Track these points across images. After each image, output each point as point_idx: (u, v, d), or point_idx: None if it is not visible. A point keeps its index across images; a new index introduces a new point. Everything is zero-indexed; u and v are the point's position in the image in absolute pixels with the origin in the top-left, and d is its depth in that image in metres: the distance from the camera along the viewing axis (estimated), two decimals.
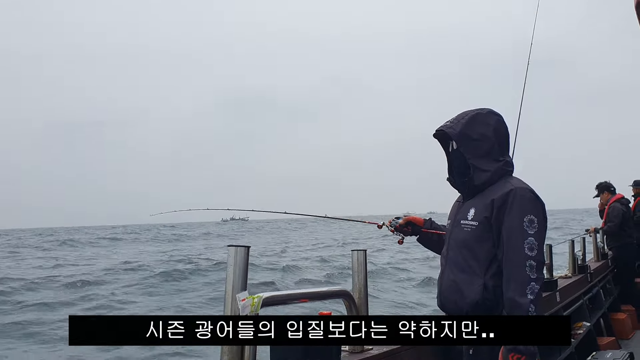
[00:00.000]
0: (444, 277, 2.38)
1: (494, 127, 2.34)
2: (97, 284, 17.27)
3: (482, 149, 2.31)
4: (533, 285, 2.09)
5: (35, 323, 11.46)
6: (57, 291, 16.23)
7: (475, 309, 2.20)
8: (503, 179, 2.30)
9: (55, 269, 22.78)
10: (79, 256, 31.01)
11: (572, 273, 5.90)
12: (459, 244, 2.32)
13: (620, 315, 6.60)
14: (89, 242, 47.97)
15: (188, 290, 15.88)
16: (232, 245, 1.86)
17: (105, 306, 13.65)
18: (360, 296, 2.36)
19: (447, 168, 2.49)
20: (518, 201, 2.18)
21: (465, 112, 2.39)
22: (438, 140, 2.49)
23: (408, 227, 2.70)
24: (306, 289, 2.29)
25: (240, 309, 1.77)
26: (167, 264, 21.80)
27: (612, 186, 7.78)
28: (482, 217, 2.24)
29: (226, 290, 1.81)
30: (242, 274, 1.82)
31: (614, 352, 4.36)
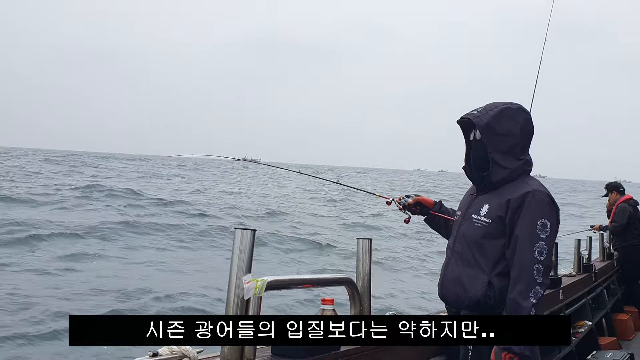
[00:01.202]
0: (448, 268, 2.37)
1: (522, 125, 2.30)
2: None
3: (506, 145, 2.27)
4: (537, 289, 2.09)
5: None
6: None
7: (476, 305, 2.20)
8: (520, 178, 2.28)
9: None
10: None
11: (576, 272, 5.88)
12: (468, 239, 2.30)
13: (623, 316, 6.59)
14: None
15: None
16: (238, 227, 1.86)
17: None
18: (363, 284, 2.36)
19: (465, 156, 2.45)
20: (534, 204, 2.17)
21: (494, 103, 2.34)
22: (460, 127, 2.44)
23: (417, 207, 2.68)
24: (310, 275, 2.29)
25: (245, 291, 1.78)
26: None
27: (621, 186, 7.76)
28: (496, 216, 2.22)
29: (230, 273, 1.81)
30: (247, 257, 1.82)
31: (614, 353, 4.35)
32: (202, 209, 21.10)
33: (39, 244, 12.61)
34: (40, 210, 17.84)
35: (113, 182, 29.26)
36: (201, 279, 10.54)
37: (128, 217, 17.27)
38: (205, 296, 9.16)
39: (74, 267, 10.76)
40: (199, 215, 19.68)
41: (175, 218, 18.46)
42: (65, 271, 10.37)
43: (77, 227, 14.67)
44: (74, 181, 28.95)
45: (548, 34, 4.00)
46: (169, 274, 10.91)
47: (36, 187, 24.92)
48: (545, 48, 3.92)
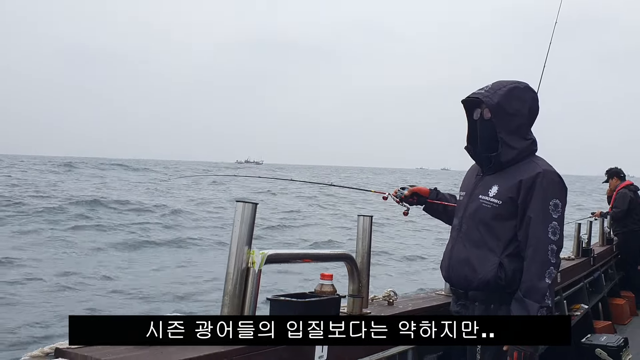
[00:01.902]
0: (454, 250, 2.35)
1: (530, 105, 2.28)
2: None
3: (514, 125, 2.25)
4: (552, 270, 2.10)
5: None
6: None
7: (485, 286, 2.20)
8: (528, 159, 2.26)
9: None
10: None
11: (575, 255, 5.91)
12: (477, 220, 2.28)
13: (619, 301, 6.65)
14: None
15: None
16: (240, 200, 1.86)
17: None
18: (363, 261, 2.37)
19: (467, 136, 2.41)
20: (546, 184, 2.16)
21: (501, 82, 2.30)
22: (463, 106, 2.39)
23: (414, 197, 2.67)
24: (310, 250, 2.30)
25: (245, 263, 1.81)
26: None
27: (621, 172, 7.76)
28: (507, 197, 2.21)
29: (231, 245, 1.82)
30: (248, 230, 1.83)
31: (608, 336, 4.40)
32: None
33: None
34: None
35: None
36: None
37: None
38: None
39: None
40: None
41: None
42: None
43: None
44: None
45: (554, 36, 3.93)
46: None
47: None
48: (550, 50, 3.86)
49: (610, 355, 4.09)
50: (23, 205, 20.32)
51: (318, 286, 2.15)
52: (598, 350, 4.11)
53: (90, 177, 43.95)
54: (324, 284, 2.14)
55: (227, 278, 1.82)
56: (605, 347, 4.13)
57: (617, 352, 4.13)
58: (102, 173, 50.17)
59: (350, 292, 2.30)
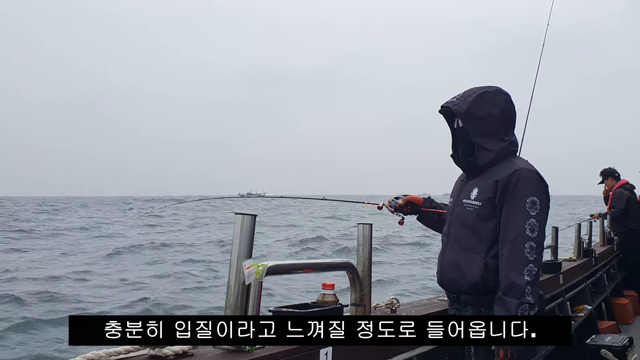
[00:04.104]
0: (445, 255, 2.38)
1: (502, 107, 2.30)
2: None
3: (488, 128, 2.27)
4: (531, 267, 2.08)
5: None
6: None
7: (474, 288, 2.21)
8: (507, 159, 2.28)
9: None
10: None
11: (577, 256, 5.90)
12: (461, 223, 2.31)
13: (622, 300, 6.62)
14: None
15: None
16: (239, 213, 1.84)
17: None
18: (364, 269, 2.36)
19: (452, 145, 2.45)
20: (522, 182, 2.16)
21: (472, 89, 2.34)
22: (444, 117, 2.44)
23: (408, 207, 2.70)
24: (310, 260, 2.29)
25: (246, 276, 1.78)
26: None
27: (616, 172, 7.75)
28: (486, 198, 2.23)
29: (232, 258, 1.81)
30: (248, 242, 1.82)
31: (613, 336, 4.38)
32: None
33: None
34: None
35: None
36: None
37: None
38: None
39: None
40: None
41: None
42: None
43: None
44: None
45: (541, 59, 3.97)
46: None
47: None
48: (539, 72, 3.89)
49: (616, 355, 4.07)
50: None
51: (320, 296, 2.14)
52: (603, 350, 4.09)
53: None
54: (326, 294, 2.12)
55: (228, 291, 1.80)
56: (611, 348, 4.10)
57: (623, 352, 4.11)
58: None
59: (353, 301, 2.29)
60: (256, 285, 1.81)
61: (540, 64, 3.98)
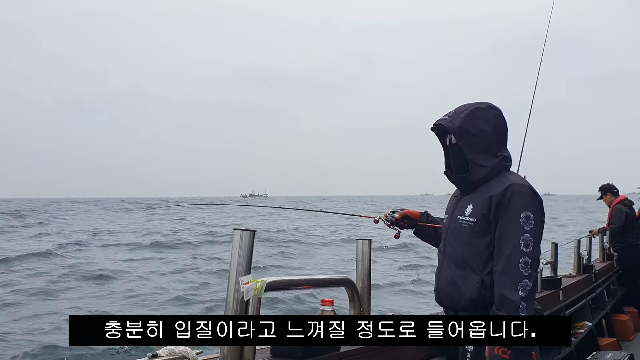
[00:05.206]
0: (441, 272, 2.37)
1: (494, 123, 2.33)
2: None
3: (481, 145, 2.29)
4: (526, 282, 2.07)
5: None
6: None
7: (472, 305, 2.20)
8: (500, 174, 2.29)
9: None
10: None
11: (576, 272, 5.88)
12: (457, 240, 2.31)
13: (623, 317, 6.57)
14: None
15: None
16: (237, 228, 1.85)
17: None
18: (363, 285, 2.35)
19: (444, 162, 2.47)
20: (515, 197, 2.17)
21: (464, 105, 2.36)
22: (435, 134, 2.46)
23: (404, 221, 2.69)
24: (309, 276, 2.29)
25: (244, 292, 1.77)
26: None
27: (614, 188, 7.77)
28: (480, 214, 2.23)
29: (230, 274, 1.81)
30: (246, 258, 1.82)
31: (614, 353, 4.33)
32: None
33: None
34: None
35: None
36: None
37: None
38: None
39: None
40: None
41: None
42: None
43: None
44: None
45: (543, 58, 4.03)
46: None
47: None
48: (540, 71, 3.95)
49: None
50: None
51: (319, 312, 2.13)
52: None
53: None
54: (325, 310, 2.11)
55: (226, 307, 1.80)
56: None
57: None
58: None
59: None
60: (255, 301, 1.80)
61: (541, 65, 4.00)
